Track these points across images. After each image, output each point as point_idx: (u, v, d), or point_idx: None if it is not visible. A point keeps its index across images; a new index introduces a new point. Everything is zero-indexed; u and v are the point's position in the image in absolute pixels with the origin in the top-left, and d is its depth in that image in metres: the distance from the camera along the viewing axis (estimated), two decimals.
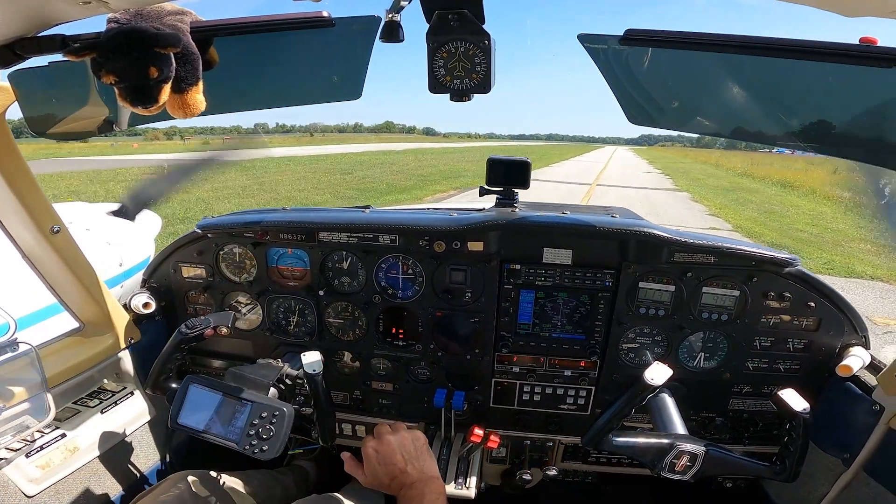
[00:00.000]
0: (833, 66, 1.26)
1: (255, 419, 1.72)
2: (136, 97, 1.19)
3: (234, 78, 1.56)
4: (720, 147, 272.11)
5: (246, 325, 2.45)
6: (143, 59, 1.14)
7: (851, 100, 1.43)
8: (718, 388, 2.23)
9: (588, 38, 1.41)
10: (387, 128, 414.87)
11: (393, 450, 1.54)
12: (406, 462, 1.52)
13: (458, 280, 2.21)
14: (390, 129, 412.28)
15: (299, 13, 1.34)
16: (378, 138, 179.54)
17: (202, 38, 1.30)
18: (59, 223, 1.84)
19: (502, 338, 2.25)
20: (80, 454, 1.99)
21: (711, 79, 1.50)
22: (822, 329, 2.08)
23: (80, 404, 2.13)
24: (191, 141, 75.62)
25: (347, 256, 2.27)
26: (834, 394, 2.08)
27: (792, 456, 1.68)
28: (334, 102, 1.63)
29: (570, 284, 2.13)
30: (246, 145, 7.17)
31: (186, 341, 1.89)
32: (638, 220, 2.23)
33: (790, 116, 1.55)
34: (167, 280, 2.44)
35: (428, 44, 1.35)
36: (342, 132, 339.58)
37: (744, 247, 1.98)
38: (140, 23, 1.17)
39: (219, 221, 2.28)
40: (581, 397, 2.30)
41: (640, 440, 1.77)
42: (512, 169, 2.37)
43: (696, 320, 2.12)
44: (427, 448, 1.60)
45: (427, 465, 1.55)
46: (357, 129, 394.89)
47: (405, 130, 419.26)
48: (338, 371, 2.46)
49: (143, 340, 2.33)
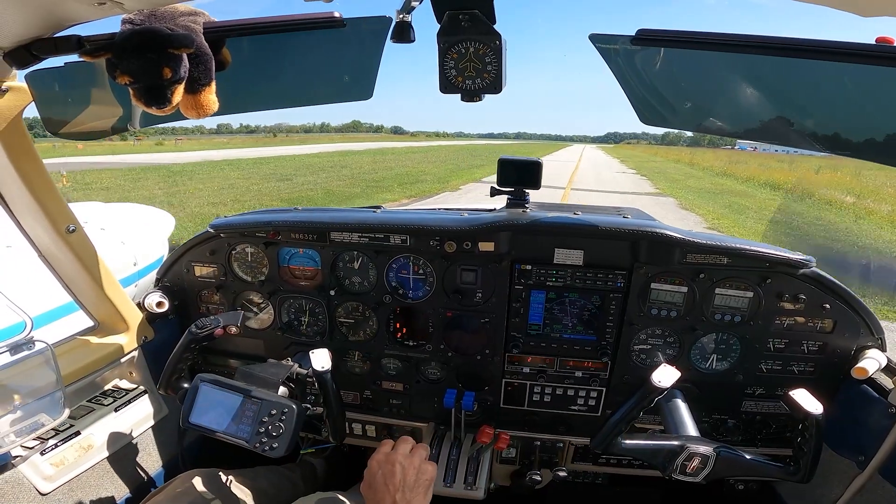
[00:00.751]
0: (848, 67, 1.25)
1: (265, 417, 1.73)
2: (150, 98, 1.21)
3: (247, 78, 1.58)
4: (684, 144, 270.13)
5: (258, 324, 2.46)
6: (157, 59, 1.16)
7: (867, 100, 1.41)
8: (731, 389, 2.20)
9: (599, 38, 1.41)
10: (354, 127, 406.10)
11: (394, 472, 1.50)
12: (398, 490, 1.48)
13: (469, 280, 2.21)
14: (357, 128, 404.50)
15: (310, 13, 1.35)
16: (343, 138, 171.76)
17: (215, 39, 1.31)
18: (74, 223, 1.86)
19: (513, 338, 2.24)
20: (93, 452, 2.01)
21: (724, 79, 1.49)
22: (838, 331, 2.05)
23: (95, 402, 2.15)
24: (143, 142, 72.53)
25: (358, 256, 2.28)
26: (849, 396, 2.05)
27: (806, 457, 1.66)
28: (345, 102, 1.63)
29: (581, 285, 2.12)
30: (199, 147, 7.15)
31: (197, 341, 1.90)
32: (650, 220, 2.22)
33: (804, 117, 1.54)
34: (180, 279, 2.47)
35: (439, 44, 1.35)
36: (308, 132, 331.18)
37: (757, 248, 1.95)
38: (154, 24, 1.18)
39: (231, 221, 2.30)
40: (592, 398, 2.29)
41: (651, 443, 1.75)
42: (523, 169, 2.36)
43: (709, 322, 2.10)
44: (428, 486, 1.55)
45: (416, 501, 1.51)
46: (324, 129, 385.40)
47: (373, 130, 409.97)
48: (348, 371, 2.47)
49: (157, 339, 2.35)
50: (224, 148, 66.32)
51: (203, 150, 53.04)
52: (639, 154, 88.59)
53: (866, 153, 1.51)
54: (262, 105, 1.70)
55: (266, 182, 26.00)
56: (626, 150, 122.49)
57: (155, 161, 39.07)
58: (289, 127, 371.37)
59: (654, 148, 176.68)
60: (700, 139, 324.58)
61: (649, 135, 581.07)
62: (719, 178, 30.40)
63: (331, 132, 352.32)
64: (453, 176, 30.34)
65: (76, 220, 1.88)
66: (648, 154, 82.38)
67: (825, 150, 1.58)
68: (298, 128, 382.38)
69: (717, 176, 36.20)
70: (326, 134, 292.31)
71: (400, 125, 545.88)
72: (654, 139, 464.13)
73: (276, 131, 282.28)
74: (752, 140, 1.89)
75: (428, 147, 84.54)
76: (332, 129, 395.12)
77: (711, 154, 77.33)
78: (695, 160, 48.21)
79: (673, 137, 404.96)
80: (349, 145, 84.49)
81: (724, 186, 26.81)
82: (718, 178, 28.81)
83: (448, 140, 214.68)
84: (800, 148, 1.63)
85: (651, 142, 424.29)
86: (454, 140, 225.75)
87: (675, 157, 65.63)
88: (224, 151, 57.63)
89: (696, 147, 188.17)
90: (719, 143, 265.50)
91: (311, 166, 35.39)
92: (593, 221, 2.01)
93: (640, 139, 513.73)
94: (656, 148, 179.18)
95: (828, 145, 1.52)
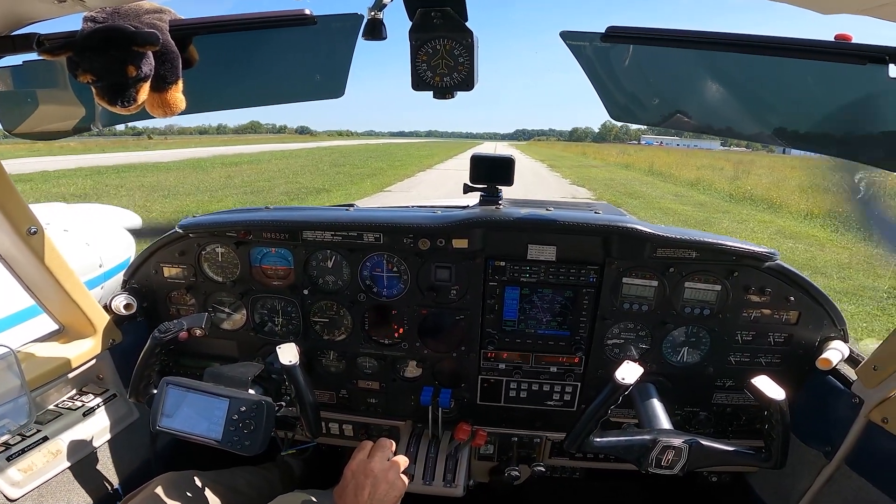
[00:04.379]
0: (809, 63, 1.28)
1: (235, 415, 1.72)
2: (115, 96, 1.18)
3: (215, 76, 1.55)
4: (590, 140, 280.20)
5: (230, 325, 2.43)
6: (121, 57, 1.13)
7: (827, 96, 1.46)
8: (702, 382, 2.25)
9: (570, 35, 1.43)
10: (252, 128, 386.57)
11: (364, 485, 1.52)
12: (367, 501, 1.50)
13: (444, 277, 2.21)
14: (256, 129, 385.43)
15: (281, 11, 1.34)
16: (232, 140, 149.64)
17: (182, 37, 1.29)
18: (36, 224, 1.80)
19: (488, 335, 2.25)
20: (62, 457, 1.96)
21: (692, 75, 1.52)
22: (802, 323, 2.11)
23: (62, 407, 2.09)
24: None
25: (332, 255, 2.26)
26: (814, 387, 2.11)
27: (775, 443, 1.70)
28: (317, 101, 1.62)
29: (554, 281, 2.15)
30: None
31: (161, 345, 1.87)
32: (620, 215, 2.25)
33: (768, 112, 1.58)
34: (149, 281, 2.41)
35: (411, 41, 1.35)
36: (203, 134, 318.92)
37: (725, 241, 2.00)
38: (118, 21, 1.15)
39: (200, 221, 2.25)
40: (567, 393, 2.32)
41: (623, 439, 1.77)
42: (495, 166, 2.36)
43: (679, 315, 2.15)
44: (395, 501, 1.58)
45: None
46: (221, 131, 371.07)
47: (275, 130, 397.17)
48: (324, 370, 2.45)
49: (126, 342, 2.30)
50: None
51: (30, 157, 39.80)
52: (563, 153, 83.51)
53: (825, 148, 1.57)
54: (232, 104, 1.67)
55: None
56: (542, 149, 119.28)
57: None
58: (181, 129, 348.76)
59: (562, 143, 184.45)
60: (606, 135, 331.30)
61: (556, 131, 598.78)
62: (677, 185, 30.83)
63: (228, 133, 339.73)
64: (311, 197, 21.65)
65: (38, 221, 1.82)
66: (573, 154, 79.36)
67: (787, 146, 1.63)
68: (193, 129, 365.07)
69: (659, 178, 38.94)
70: (223, 136, 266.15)
71: (307, 125, 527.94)
72: (560, 135, 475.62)
73: (168, 133, 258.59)
74: (720, 136, 1.92)
75: (327, 147, 78.41)
76: (229, 131, 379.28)
77: (609, 147, 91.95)
78: (632, 162, 50.97)
79: (581, 133, 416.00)
80: (228, 149, 68.50)
81: (691, 197, 26.96)
82: (677, 187, 29.13)
83: (355, 139, 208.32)
84: (763, 143, 1.68)
85: (560, 138, 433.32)
86: (361, 139, 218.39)
87: (601, 156, 65.47)
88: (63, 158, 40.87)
89: (601, 143, 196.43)
90: (624, 138, 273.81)
91: (119, 187, 23.24)
92: (565, 217, 2.04)
93: (549, 135, 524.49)
94: (564, 143, 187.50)
95: (789, 140, 1.57)
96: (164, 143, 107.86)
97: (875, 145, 1.50)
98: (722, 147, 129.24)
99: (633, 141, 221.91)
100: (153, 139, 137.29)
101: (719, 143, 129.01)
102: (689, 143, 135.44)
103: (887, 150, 1.48)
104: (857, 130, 1.49)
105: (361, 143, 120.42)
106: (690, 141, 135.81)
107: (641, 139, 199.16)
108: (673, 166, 40.39)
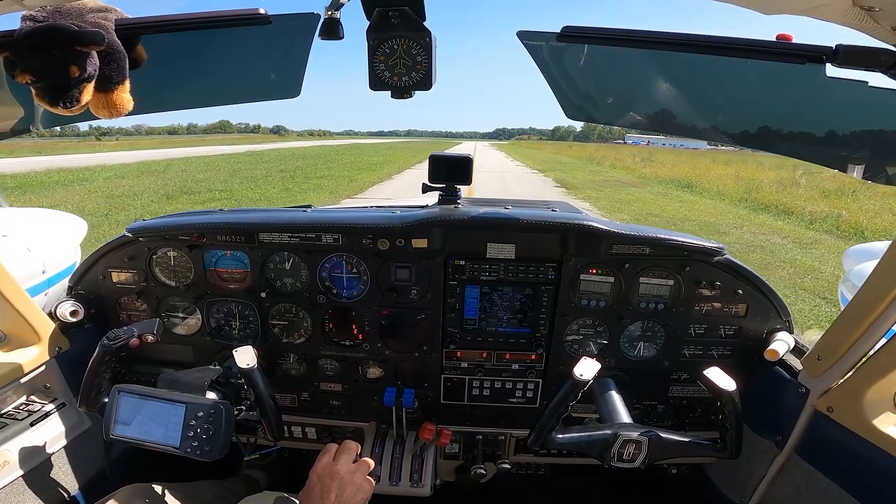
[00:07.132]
0: (753, 63, 1.33)
1: (192, 420, 1.69)
2: (56, 97, 1.13)
3: (166, 76, 1.50)
4: (572, 139, 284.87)
5: (185, 330, 2.36)
6: (64, 57, 1.08)
7: (769, 95, 1.51)
8: (658, 375, 2.32)
9: (526, 34, 1.44)
10: (221, 127, 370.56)
11: (331, 488, 1.51)
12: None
13: (404, 277, 2.21)
14: (226, 128, 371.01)
15: (234, 10, 1.30)
16: (196, 140, 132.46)
17: (129, 36, 1.24)
18: None
19: (449, 334, 2.26)
20: (9, 469, 1.88)
21: (643, 75, 1.56)
22: (750, 315, 2.19)
23: (7, 417, 2.00)
24: None
25: (290, 257, 2.23)
26: (764, 378, 2.19)
27: (729, 433, 1.75)
28: (272, 101, 1.59)
29: (513, 279, 2.17)
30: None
31: (111, 353, 1.82)
32: (577, 213, 2.30)
33: (715, 111, 1.64)
34: (96, 286, 2.32)
35: (368, 41, 1.34)
36: (173, 134, 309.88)
37: (676, 237, 2.06)
38: (59, 20, 1.10)
39: (150, 224, 2.18)
40: (530, 390, 2.35)
41: (584, 434, 1.80)
42: (454, 165, 2.37)
43: (635, 310, 2.20)
44: (363, 503, 1.58)
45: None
46: (191, 130, 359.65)
47: (249, 130, 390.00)
48: (284, 373, 2.41)
49: (74, 349, 2.20)
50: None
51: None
52: (550, 157, 70.24)
53: (770, 146, 1.63)
54: (182, 104, 1.62)
55: None
56: (524, 149, 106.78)
57: None
58: (149, 128, 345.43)
59: (550, 144, 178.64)
60: (589, 134, 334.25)
61: (537, 130, 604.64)
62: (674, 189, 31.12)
63: (199, 132, 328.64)
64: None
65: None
66: (561, 155, 73.24)
67: (732, 144, 1.69)
68: (163, 129, 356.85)
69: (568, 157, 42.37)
70: (193, 136, 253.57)
71: (283, 125, 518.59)
72: (542, 134, 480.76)
73: (137, 133, 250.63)
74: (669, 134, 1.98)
75: (295, 148, 73.75)
76: (199, 130, 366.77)
77: (592, 146, 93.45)
78: (595, 156, 53.66)
79: (563, 132, 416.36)
80: (189, 150, 62.31)
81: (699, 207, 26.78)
82: (676, 190, 29.41)
83: (334, 139, 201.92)
84: (710, 140, 1.74)
85: (542, 137, 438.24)
86: (338, 139, 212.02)
87: (586, 156, 64.27)
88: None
89: (584, 142, 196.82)
90: (608, 137, 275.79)
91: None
92: (524, 215, 2.06)
93: (530, 134, 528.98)
94: (545, 143, 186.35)
95: (734, 138, 1.63)
96: (100, 146, 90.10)
97: (813, 143, 1.56)
98: (709, 147, 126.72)
99: (617, 140, 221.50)
100: (101, 140, 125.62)
101: (706, 143, 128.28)
102: (676, 142, 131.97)
103: (824, 147, 1.54)
104: (801, 129, 1.55)
105: (320, 144, 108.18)
106: (677, 141, 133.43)
107: (626, 138, 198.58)
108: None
